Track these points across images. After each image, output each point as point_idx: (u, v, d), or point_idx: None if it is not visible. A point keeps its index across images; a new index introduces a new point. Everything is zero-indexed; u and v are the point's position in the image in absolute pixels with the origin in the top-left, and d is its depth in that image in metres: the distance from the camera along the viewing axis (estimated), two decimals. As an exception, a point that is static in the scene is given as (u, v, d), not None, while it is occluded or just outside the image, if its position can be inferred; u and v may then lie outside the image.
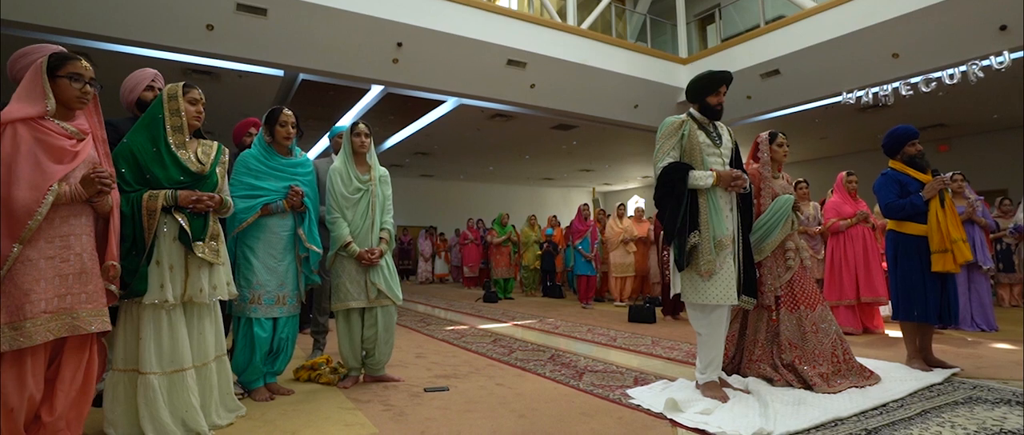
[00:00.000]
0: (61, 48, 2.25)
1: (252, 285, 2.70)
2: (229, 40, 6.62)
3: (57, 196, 1.73)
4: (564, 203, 20.02)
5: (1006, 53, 6.87)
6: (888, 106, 8.02)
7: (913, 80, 7.60)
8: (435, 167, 14.66)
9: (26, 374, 1.69)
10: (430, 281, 12.07)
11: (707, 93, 2.83)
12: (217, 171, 2.33)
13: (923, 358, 3.27)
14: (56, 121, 1.83)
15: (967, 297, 4.65)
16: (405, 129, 10.71)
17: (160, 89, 2.61)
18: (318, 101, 8.87)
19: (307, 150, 12.98)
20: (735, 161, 2.90)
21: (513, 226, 8.70)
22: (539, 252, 8.50)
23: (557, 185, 19.28)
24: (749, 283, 2.82)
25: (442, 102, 9.05)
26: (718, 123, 2.91)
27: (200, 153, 2.31)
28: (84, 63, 1.90)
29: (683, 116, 2.86)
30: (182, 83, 2.31)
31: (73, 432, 1.84)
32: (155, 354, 2.07)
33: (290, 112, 2.88)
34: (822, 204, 5.39)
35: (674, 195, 2.72)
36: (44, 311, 1.70)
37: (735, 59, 8.97)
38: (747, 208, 2.90)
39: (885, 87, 7.83)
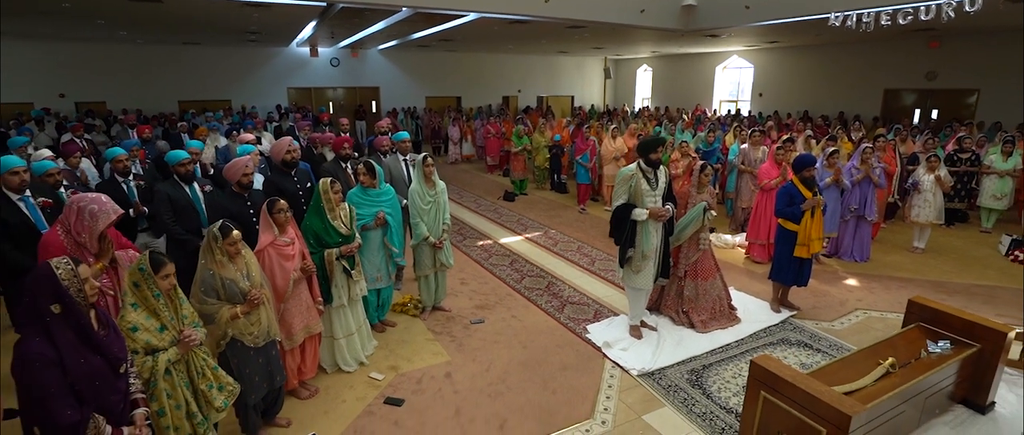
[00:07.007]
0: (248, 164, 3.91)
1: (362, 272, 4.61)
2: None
3: (294, 282, 3.57)
4: (578, 71, 20.69)
5: (979, -6, 7.55)
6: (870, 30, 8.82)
7: (892, 9, 8.33)
8: (458, 45, 15.52)
9: (296, 355, 3.73)
10: (459, 161, 13.97)
11: (649, 152, 4.37)
12: (354, 228, 4.11)
13: (780, 302, 5.20)
14: (280, 238, 3.59)
15: (852, 238, 6.43)
16: (429, 28, 11.64)
17: (298, 150, 4.28)
18: (354, 16, 9.91)
19: (339, 41, 13.89)
20: (667, 192, 4.52)
21: (528, 138, 10.27)
22: (548, 155, 10.21)
23: (572, 55, 19.84)
24: (665, 269, 4.65)
25: (464, 15, 9.96)
26: (657, 171, 4.46)
27: (343, 216, 4.06)
28: (282, 202, 3.58)
29: (634, 167, 4.43)
30: (330, 179, 3.97)
31: (313, 372, 3.94)
32: (339, 328, 4.10)
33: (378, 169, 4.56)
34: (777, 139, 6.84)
35: (621, 223, 4.43)
36: (299, 329, 3.66)
37: (739, -31, 9.49)
38: (670, 222, 4.60)
39: (868, 12, 8.57)
